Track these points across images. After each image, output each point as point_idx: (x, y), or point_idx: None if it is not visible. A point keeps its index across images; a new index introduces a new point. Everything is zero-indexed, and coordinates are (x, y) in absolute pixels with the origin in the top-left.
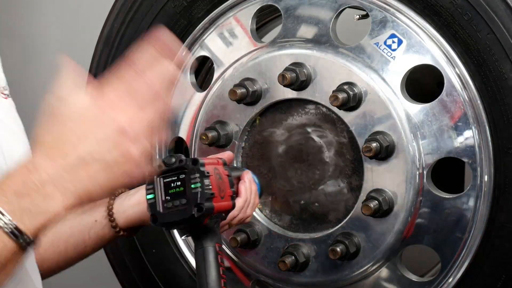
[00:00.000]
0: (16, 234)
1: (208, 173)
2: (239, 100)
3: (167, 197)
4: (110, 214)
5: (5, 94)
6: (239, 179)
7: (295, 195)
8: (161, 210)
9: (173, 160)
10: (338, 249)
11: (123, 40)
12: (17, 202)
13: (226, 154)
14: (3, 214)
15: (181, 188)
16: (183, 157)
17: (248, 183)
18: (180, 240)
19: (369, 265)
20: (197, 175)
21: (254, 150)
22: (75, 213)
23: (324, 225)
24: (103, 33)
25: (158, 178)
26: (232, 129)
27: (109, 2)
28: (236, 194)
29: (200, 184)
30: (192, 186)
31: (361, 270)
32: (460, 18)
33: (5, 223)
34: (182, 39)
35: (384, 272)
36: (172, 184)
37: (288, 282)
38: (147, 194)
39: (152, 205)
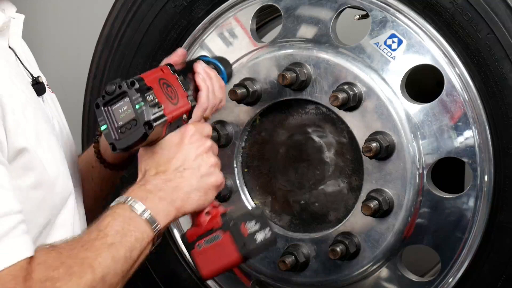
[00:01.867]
0: (154, 226)
1: (149, 88)
2: (239, 100)
3: (119, 123)
4: (98, 157)
5: (51, 89)
6: (191, 70)
7: (295, 195)
8: (117, 137)
9: (113, 87)
10: (338, 249)
11: (123, 40)
12: (150, 202)
13: (175, 55)
14: (145, 210)
15: (129, 111)
16: (120, 81)
17: (203, 73)
18: (180, 240)
19: (369, 265)
20: (138, 94)
21: (254, 150)
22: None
23: (324, 225)
24: (103, 33)
25: (105, 108)
26: (232, 129)
27: (109, 2)
28: (195, 90)
29: (143, 102)
30: (137, 106)
31: (361, 270)
32: (460, 18)
33: (147, 215)
34: (182, 39)
35: (384, 272)
36: (120, 110)
37: (288, 282)
38: (100, 125)
39: (107, 135)
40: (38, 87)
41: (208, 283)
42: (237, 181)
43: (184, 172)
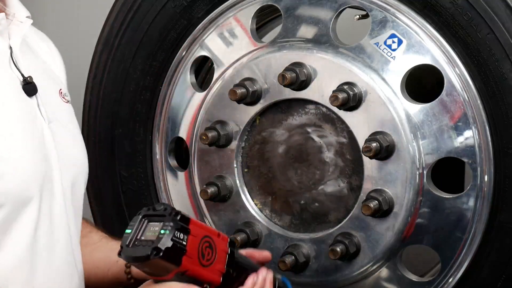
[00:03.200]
0: None
1: (187, 230)
2: (239, 100)
3: (142, 237)
4: (127, 266)
5: (65, 99)
6: (253, 269)
7: (295, 195)
8: (129, 245)
9: (161, 207)
10: (338, 249)
11: (123, 41)
12: None
13: (259, 252)
14: None
15: (156, 233)
16: (170, 207)
17: (261, 279)
18: None
19: (369, 265)
20: (172, 224)
21: (254, 150)
22: (104, 248)
23: (324, 225)
24: (103, 33)
25: (142, 218)
26: (232, 129)
27: (109, 2)
28: (235, 277)
29: (169, 232)
30: (162, 231)
31: (361, 270)
32: (460, 18)
33: None
34: (182, 39)
35: (384, 272)
36: (151, 228)
37: None
38: (128, 228)
39: (125, 238)
40: (28, 88)
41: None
42: (237, 181)
43: None
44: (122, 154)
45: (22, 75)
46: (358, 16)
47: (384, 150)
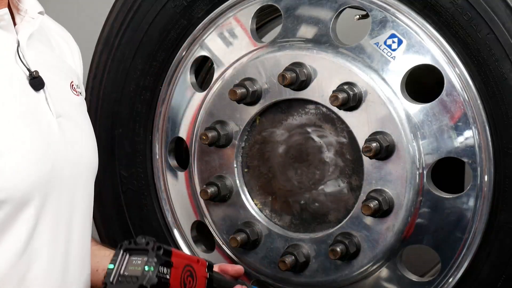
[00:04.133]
0: None
1: (170, 263)
2: (239, 100)
3: (125, 272)
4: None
5: (77, 92)
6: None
7: (295, 195)
8: (114, 281)
9: (143, 241)
10: (338, 249)
11: (123, 40)
12: None
13: (232, 266)
14: None
15: (139, 268)
16: (152, 241)
17: None
18: (181, 240)
19: (369, 265)
20: (155, 260)
21: (254, 150)
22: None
23: (324, 225)
24: (103, 33)
25: (124, 253)
26: (232, 129)
27: (109, 2)
28: None
29: (153, 269)
30: (146, 268)
31: (361, 270)
32: (460, 18)
33: None
34: (182, 39)
35: (384, 272)
36: (134, 262)
37: (288, 282)
38: (110, 262)
39: (108, 274)
40: (34, 82)
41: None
42: (237, 181)
43: None
44: (122, 154)
45: (29, 69)
46: (358, 16)
47: (384, 150)
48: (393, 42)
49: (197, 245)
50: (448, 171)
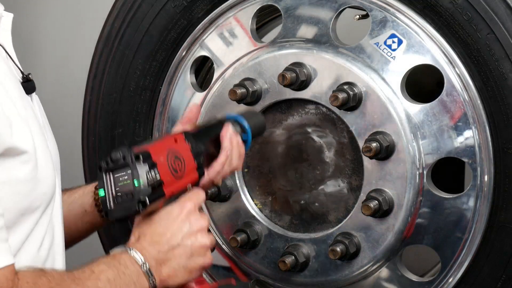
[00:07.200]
0: (152, 280)
1: (154, 164)
2: (239, 100)
3: (117, 193)
4: (97, 204)
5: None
6: (218, 135)
7: (295, 195)
8: (112, 206)
9: (118, 155)
10: (338, 249)
11: (123, 40)
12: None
13: (189, 111)
14: (144, 262)
15: (128, 181)
16: (127, 152)
17: (228, 139)
18: None
19: (369, 265)
20: (139, 171)
21: (254, 150)
22: (65, 205)
23: (324, 225)
24: (103, 33)
25: (107, 173)
26: None
27: (109, 2)
28: (210, 155)
29: (142, 179)
30: (135, 183)
31: (361, 270)
32: (460, 18)
33: (145, 267)
34: (182, 39)
35: (384, 272)
36: (121, 178)
37: (288, 282)
38: (99, 189)
39: (103, 202)
40: (28, 85)
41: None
42: (237, 181)
43: (176, 249)
44: None
45: (22, 72)
46: (358, 16)
47: (384, 150)
48: (393, 42)
49: None
50: (448, 171)
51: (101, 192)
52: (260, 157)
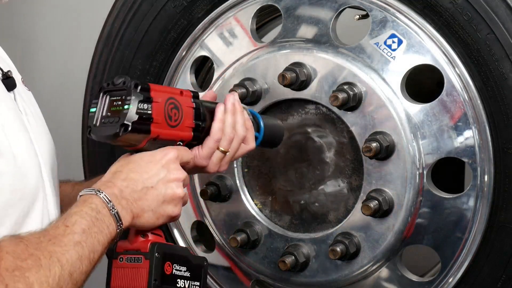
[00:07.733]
0: (119, 224)
1: (149, 98)
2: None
3: (108, 113)
4: None
5: (27, 87)
6: None
7: (295, 195)
8: (97, 124)
9: (120, 80)
10: (338, 249)
11: (123, 40)
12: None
13: (208, 93)
14: (112, 204)
15: (119, 107)
16: (129, 80)
17: (228, 104)
18: (180, 239)
19: (369, 265)
20: (133, 97)
21: (254, 150)
22: (68, 198)
23: (324, 225)
24: (103, 33)
25: (103, 95)
26: None
27: (109, 2)
28: (206, 125)
29: (132, 106)
30: (125, 106)
31: (361, 270)
32: (460, 18)
33: (112, 210)
34: (182, 39)
35: (384, 272)
36: (114, 103)
37: (288, 282)
38: (91, 107)
39: (91, 117)
40: (8, 82)
41: (208, 283)
42: (237, 181)
43: (149, 191)
44: (122, 154)
45: (1, 69)
46: (358, 16)
47: (384, 150)
48: (393, 42)
49: (197, 245)
50: (448, 171)
51: (92, 109)
52: (260, 157)
